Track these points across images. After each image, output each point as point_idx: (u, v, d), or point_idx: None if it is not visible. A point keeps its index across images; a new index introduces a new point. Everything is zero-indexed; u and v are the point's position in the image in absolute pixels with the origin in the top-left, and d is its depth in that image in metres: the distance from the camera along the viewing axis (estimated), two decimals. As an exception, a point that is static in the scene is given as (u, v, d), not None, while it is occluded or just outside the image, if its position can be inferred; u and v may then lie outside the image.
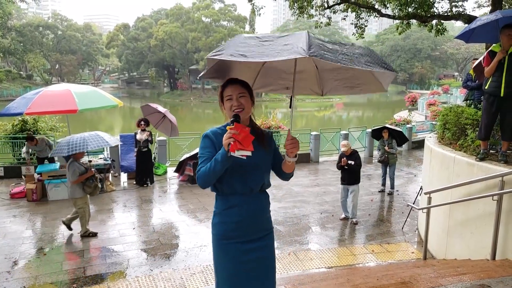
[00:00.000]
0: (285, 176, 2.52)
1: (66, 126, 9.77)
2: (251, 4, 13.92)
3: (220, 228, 2.35)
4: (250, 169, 2.29)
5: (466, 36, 5.30)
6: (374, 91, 2.95)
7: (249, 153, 2.06)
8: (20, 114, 8.15)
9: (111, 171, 10.23)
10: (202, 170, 2.18)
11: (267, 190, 2.52)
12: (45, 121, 11.58)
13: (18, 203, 8.36)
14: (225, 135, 2.06)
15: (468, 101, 7.62)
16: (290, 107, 2.92)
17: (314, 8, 12.99)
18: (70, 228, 6.64)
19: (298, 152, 2.33)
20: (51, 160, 9.78)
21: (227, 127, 2.09)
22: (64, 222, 6.63)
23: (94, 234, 6.53)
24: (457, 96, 30.51)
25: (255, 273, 2.35)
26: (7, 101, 30.31)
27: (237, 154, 2.03)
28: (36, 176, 8.85)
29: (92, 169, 6.69)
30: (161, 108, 10.39)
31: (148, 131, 9.49)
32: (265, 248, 2.42)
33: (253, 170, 2.30)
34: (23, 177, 9.42)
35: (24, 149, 10.70)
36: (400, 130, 9.46)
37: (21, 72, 64.23)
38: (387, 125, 9.42)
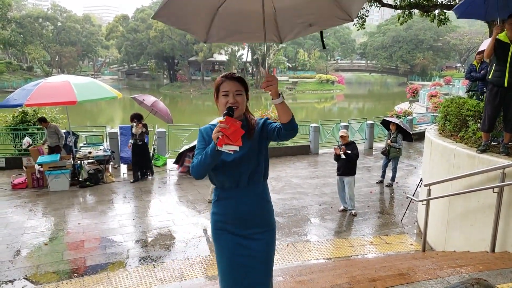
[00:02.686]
0: (288, 127, 2.16)
1: (66, 117, 9.75)
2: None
3: (213, 218, 2.39)
4: (235, 163, 2.24)
5: (459, 10, 5.43)
6: (339, 22, 2.75)
7: (236, 148, 2.02)
8: (20, 105, 8.17)
9: (111, 163, 10.23)
10: (195, 162, 2.21)
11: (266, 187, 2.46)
12: (45, 112, 11.55)
13: (20, 193, 8.38)
14: (215, 129, 2.04)
15: (470, 92, 7.59)
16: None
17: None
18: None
19: (297, 144, 2.29)
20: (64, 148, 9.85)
21: (218, 121, 2.07)
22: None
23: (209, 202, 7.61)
24: (459, 88, 30.37)
25: (244, 269, 2.31)
26: (8, 92, 30.28)
27: (224, 148, 2.00)
28: (37, 167, 8.86)
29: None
30: (148, 100, 10.17)
31: (142, 123, 9.19)
32: (259, 247, 2.33)
33: (239, 163, 2.25)
34: (24, 168, 9.44)
35: (24, 140, 10.73)
36: (410, 132, 9.31)
37: (22, 64, 63.97)
38: (397, 121, 9.25)
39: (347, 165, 7.23)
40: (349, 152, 7.11)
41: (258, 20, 2.45)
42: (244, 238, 2.32)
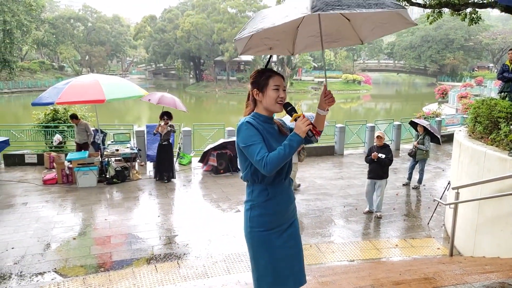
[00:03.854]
0: (319, 134, 2.46)
1: (94, 115, 10.01)
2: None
3: (261, 220, 2.35)
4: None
5: None
6: (351, 44, 3.03)
7: (319, 137, 2.25)
8: (51, 103, 8.42)
9: (137, 160, 10.43)
10: (273, 156, 2.14)
11: None
12: (75, 110, 11.90)
13: (50, 189, 8.66)
14: (302, 123, 2.11)
15: (503, 93, 7.35)
16: (265, 67, 2.92)
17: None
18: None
19: (322, 144, 2.40)
20: (93, 145, 10.19)
21: (295, 115, 2.19)
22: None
23: (299, 186, 8.94)
24: (491, 89, 29.42)
25: (292, 258, 2.42)
26: (41, 91, 31.30)
27: (318, 138, 2.24)
28: (66, 163, 9.13)
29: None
30: (154, 98, 9.88)
31: (168, 122, 9.19)
32: (296, 234, 2.49)
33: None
34: (54, 164, 9.74)
35: (55, 138, 11.08)
36: (438, 135, 9.06)
37: (54, 63, 66.08)
38: (425, 124, 9.02)
39: (380, 168, 7.09)
40: (383, 156, 6.98)
41: (283, 34, 2.85)
42: (287, 228, 2.42)
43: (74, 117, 9.86)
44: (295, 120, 2.18)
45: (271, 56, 3.33)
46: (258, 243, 2.38)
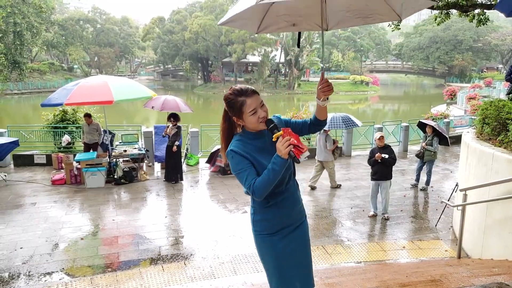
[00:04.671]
0: (322, 123, 2.47)
1: (103, 116, 10.10)
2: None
3: (263, 225, 2.36)
4: (287, 166, 2.26)
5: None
6: (387, 20, 2.89)
7: (308, 152, 2.09)
8: (60, 104, 8.50)
9: (145, 161, 10.49)
10: (258, 182, 2.11)
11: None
12: (83, 111, 12.01)
13: (59, 189, 8.74)
14: (282, 145, 2.01)
15: (511, 95, 7.27)
16: (298, 45, 2.96)
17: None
18: (314, 188, 9.02)
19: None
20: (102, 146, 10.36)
21: (275, 135, 2.07)
22: (311, 186, 9.00)
23: (339, 186, 9.18)
24: (500, 90, 29.09)
25: (299, 259, 2.41)
26: (50, 92, 31.61)
27: (302, 158, 2.04)
28: (74, 164, 9.21)
29: None
30: (157, 105, 9.89)
31: (176, 124, 9.21)
32: (303, 236, 2.47)
33: (288, 165, 2.27)
34: (62, 164, 9.84)
35: (64, 138, 11.19)
36: (446, 135, 8.98)
37: (63, 65, 66.69)
38: (433, 124, 8.94)
39: (384, 169, 7.06)
40: (386, 156, 6.95)
41: (306, 10, 2.71)
42: (294, 230, 2.40)
43: (88, 115, 10.08)
44: (277, 139, 2.07)
45: (300, 34, 3.20)
46: (263, 246, 2.39)
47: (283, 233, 2.36)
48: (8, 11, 40.13)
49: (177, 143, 9.24)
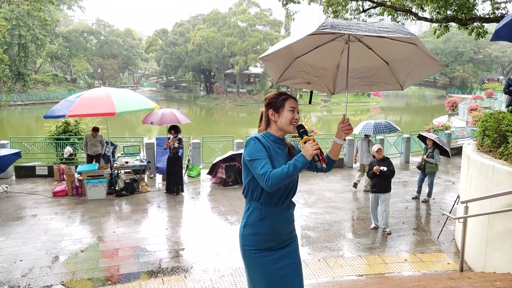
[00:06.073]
0: (331, 165, 2.48)
1: (105, 128, 10.15)
2: (285, 9, 13.93)
3: (255, 239, 2.37)
4: (294, 180, 2.37)
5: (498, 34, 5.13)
6: (390, 88, 3.09)
7: (324, 165, 2.26)
8: (63, 116, 8.55)
9: (147, 172, 10.50)
10: (276, 172, 2.15)
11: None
12: (86, 122, 12.09)
13: (60, 201, 8.75)
14: (311, 146, 2.15)
15: (510, 107, 7.28)
16: (309, 102, 3.22)
17: (349, 12, 12.82)
18: (356, 186, 9.93)
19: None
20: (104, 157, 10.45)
21: (305, 138, 2.25)
22: (355, 183, 9.94)
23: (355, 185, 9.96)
24: (502, 101, 29.08)
25: (288, 279, 2.39)
26: (54, 103, 31.75)
27: (324, 164, 2.22)
28: (76, 175, 9.23)
29: None
30: (156, 120, 9.85)
31: (176, 135, 9.21)
32: (293, 254, 2.47)
33: (293, 179, 2.35)
34: (64, 176, 9.86)
35: (66, 150, 11.23)
36: (447, 148, 8.98)
37: (67, 76, 67.27)
38: (433, 137, 8.94)
39: (383, 182, 7.03)
40: (384, 169, 6.93)
41: (322, 71, 3.04)
42: (284, 247, 2.42)
43: (96, 129, 10.22)
44: (305, 142, 2.23)
45: (312, 92, 3.45)
46: (250, 261, 2.40)
47: (272, 251, 2.37)
48: (14, 23, 40.64)
49: (179, 147, 9.31)
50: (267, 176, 2.14)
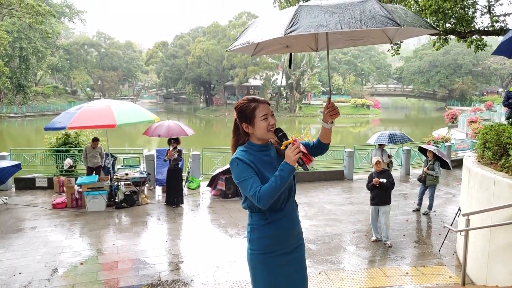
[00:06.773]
0: (326, 146, 2.53)
1: (105, 139, 10.15)
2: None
3: (260, 243, 2.34)
4: (289, 182, 2.31)
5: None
6: (378, 42, 2.98)
7: (313, 163, 2.20)
8: (63, 128, 8.56)
9: (147, 184, 10.48)
10: (264, 189, 2.12)
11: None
12: (86, 134, 12.10)
13: (59, 213, 8.71)
14: (291, 152, 2.09)
15: (510, 119, 7.30)
16: (289, 66, 3.24)
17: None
18: None
19: (331, 169, 2.44)
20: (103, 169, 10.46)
21: (285, 142, 2.17)
22: None
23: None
24: (501, 113, 29.17)
25: (293, 285, 2.38)
26: (54, 115, 31.82)
27: (309, 166, 2.15)
28: (76, 187, 9.21)
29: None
30: (163, 133, 9.86)
31: (176, 146, 9.25)
32: (301, 259, 2.46)
33: (290, 181, 2.31)
34: (64, 188, 9.83)
35: (66, 162, 11.22)
36: (447, 160, 9.00)
37: (67, 88, 67.52)
38: (433, 149, 8.94)
39: (382, 194, 7.00)
40: (384, 181, 6.91)
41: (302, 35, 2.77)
42: (291, 252, 2.39)
43: (96, 140, 10.25)
44: (286, 147, 2.16)
45: (291, 55, 3.25)
46: (258, 266, 2.36)
47: (279, 254, 2.34)
48: (15, 36, 40.97)
49: (179, 159, 9.30)
50: (257, 196, 2.13)
